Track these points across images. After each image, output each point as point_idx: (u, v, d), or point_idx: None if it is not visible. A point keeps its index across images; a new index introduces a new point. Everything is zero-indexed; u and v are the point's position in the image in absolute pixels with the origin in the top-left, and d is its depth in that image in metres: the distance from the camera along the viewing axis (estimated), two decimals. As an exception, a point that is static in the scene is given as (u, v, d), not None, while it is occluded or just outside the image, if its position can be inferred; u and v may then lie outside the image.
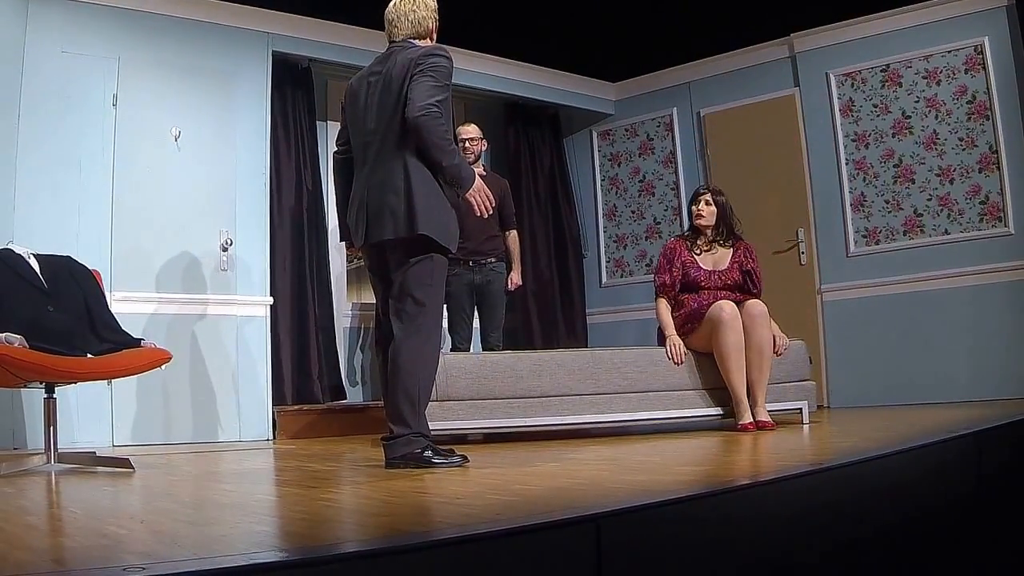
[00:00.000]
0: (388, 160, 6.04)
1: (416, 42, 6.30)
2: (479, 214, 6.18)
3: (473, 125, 9.98)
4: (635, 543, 3.46)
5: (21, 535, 3.64)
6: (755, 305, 8.27)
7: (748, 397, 8.12)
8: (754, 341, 8.13)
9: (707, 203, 8.72)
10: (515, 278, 10.02)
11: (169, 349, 6.91)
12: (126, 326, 7.06)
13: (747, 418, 8.02)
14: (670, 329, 8.56)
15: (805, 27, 11.11)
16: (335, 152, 6.61)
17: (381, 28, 10.27)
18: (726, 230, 8.73)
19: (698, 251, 8.68)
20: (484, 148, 10.09)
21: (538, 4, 10.70)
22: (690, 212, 8.89)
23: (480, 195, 6.10)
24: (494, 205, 6.22)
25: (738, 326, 8.11)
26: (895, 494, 4.98)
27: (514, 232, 10.13)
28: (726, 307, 8.16)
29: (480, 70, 11.54)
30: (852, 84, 10.90)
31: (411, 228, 5.89)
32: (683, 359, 8.43)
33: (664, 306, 8.64)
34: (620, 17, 11.01)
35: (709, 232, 8.72)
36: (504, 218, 9.86)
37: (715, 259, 8.66)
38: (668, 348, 8.48)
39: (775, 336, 8.41)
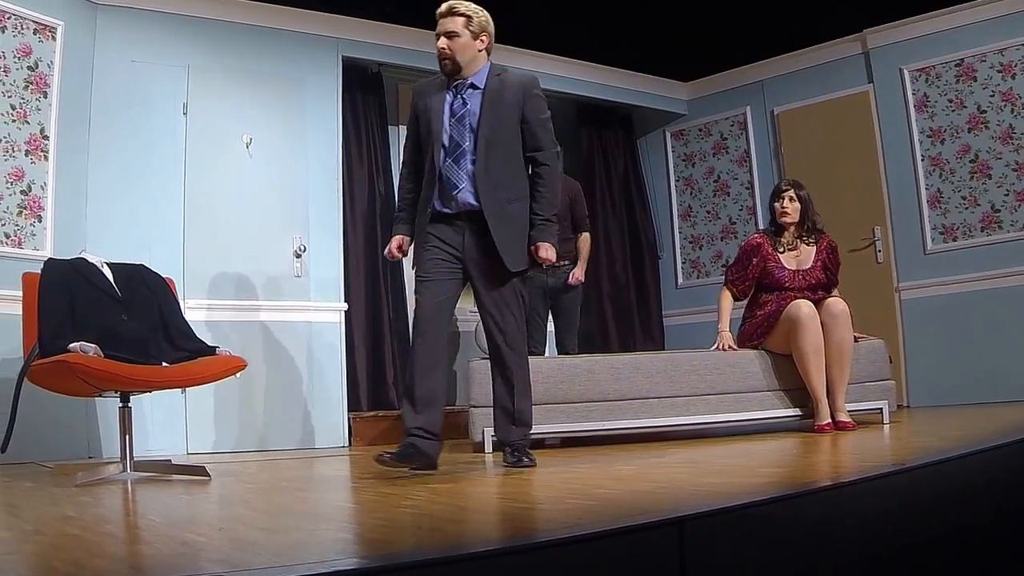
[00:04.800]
0: None
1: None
2: None
3: None
4: (719, 546, 3.43)
5: (100, 543, 3.64)
6: (835, 304, 8.15)
7: (828, 397, 8.03)
8: (834, 340, 8.01)
9: (791, 199, 8.57)
10: (577, 273, 9.88)
11: (244, 356, 6.92)
12: (200, 334, 7.08)
13: (826, 419, 7.92)
14: (724, 322, 8.54)
15: (878, 23, 11.00)
16: None
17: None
18: (810, 226, 8.61)
19: (782, 249, 8.55)
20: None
21: (609, 4, 10.65)
22: (772, 209, 8.73)
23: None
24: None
25: (816, 326, 8.00)
26: (978, 494, 4.91)
27: (586, 234, 10.04)
28: (804, 306, 8.04)
29: (551, 71, 11.50)
30: (926, 79, 10.78)
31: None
32: (731, 349, 8.49)
33: (727, 298, 8.59)
34: (692, 16, 10.94)
35: (793, 229, 8.60)
36: (576, 220, 9.79)
37: (799, 259, 8.52)
38: (718, 342, 8.50)
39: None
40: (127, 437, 6.48)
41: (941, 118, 10.66)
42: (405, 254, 6.75)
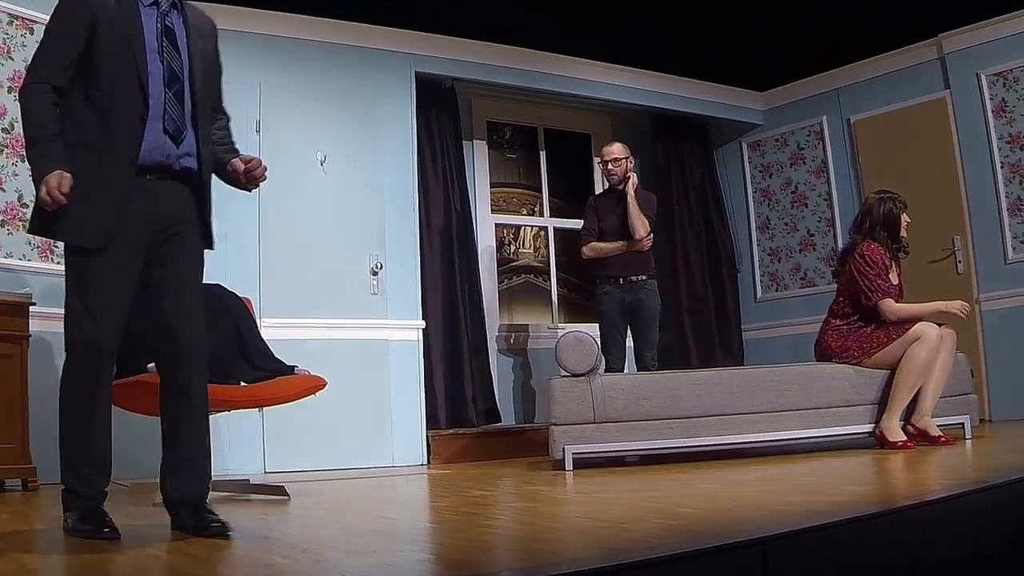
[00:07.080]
0: None
1: None
2: None
3: (618, 144, 9.84)
4: (803, 567, 3.39)
5: (184, 566, 3.65)
6: (952, 333, 8.12)
7: (919, 407, 7.93)
8: (944, 359, 7.98)
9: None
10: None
11: (321, 375, 6.91)
12: (277, 353, 7.07)
13: (902, 435, 7.85)
14: (937, 304, 8.34)
15: (952, 27, 10.87)
16: None
17: (523, 45, 10.24)
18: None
19: (892, 264, 8.46)
20: (632, 165, 9.84)
21: (683, 15, 10.61)
22: (893, 218, 8.48)
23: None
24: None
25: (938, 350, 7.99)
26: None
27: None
28: (935, 331, 8.00)
29: (626, 83, 11.51)
30: (1004, 84, 10.62)
31: None
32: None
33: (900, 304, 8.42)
34: (766, 25, 10.88)
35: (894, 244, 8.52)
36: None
37: (894, 273, 8.46)
38: (960, 308, 8.28)
39: None
40: (205, 457, 6.50)
41: (1020, 123, 10.50)
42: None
